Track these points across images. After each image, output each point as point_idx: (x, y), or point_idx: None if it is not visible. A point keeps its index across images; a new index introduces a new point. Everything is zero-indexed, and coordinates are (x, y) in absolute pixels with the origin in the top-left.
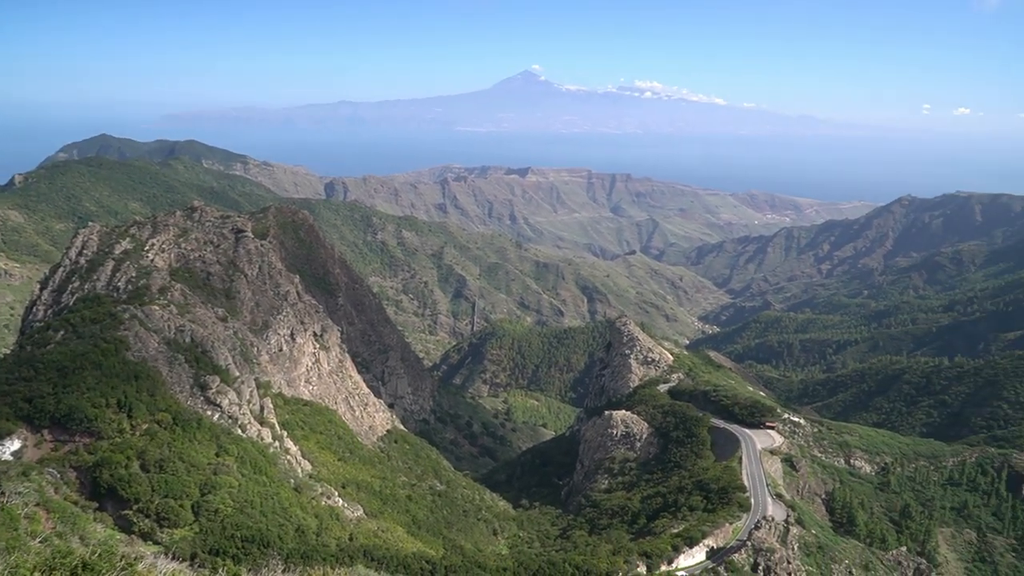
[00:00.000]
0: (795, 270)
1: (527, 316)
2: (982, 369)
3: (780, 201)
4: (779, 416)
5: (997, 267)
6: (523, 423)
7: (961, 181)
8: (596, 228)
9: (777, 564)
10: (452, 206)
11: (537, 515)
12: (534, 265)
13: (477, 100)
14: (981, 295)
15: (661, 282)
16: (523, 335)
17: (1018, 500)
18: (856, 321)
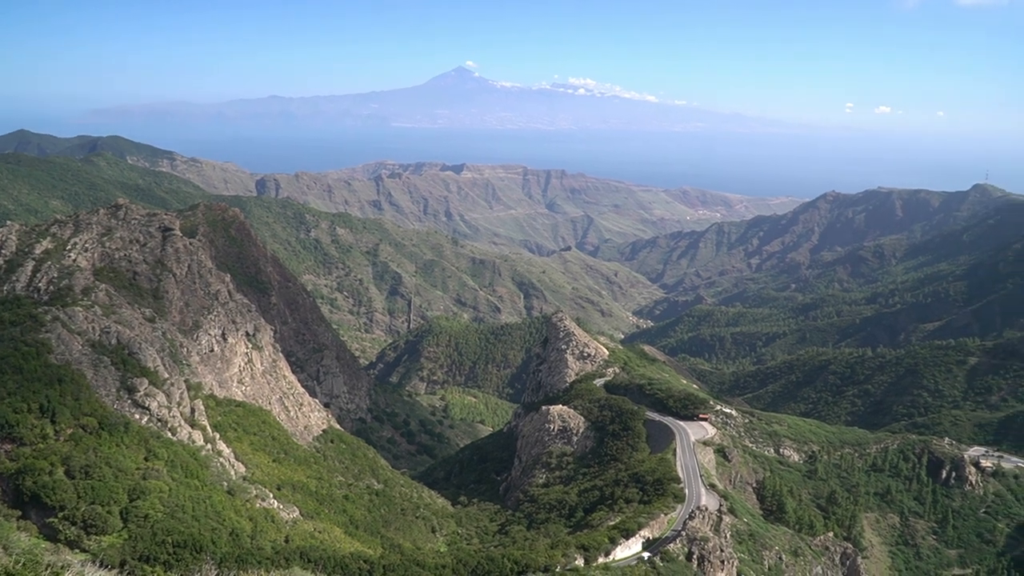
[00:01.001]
0: (726, 265)
1: (464, 313)
2: (903, 359)
3: (711, 197)
4: (712, 408)
5: (916, 260)
6: (461, 420)
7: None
8: (532, 224)
9: (711, 552)
10: (387, 203)
11: (476, 511)
12: (470, 262)
13: (412, 96)
14: (902, 287)
15: (596, 278)
16: (460, 332)
17: (938, 485)
18: (784, 314)
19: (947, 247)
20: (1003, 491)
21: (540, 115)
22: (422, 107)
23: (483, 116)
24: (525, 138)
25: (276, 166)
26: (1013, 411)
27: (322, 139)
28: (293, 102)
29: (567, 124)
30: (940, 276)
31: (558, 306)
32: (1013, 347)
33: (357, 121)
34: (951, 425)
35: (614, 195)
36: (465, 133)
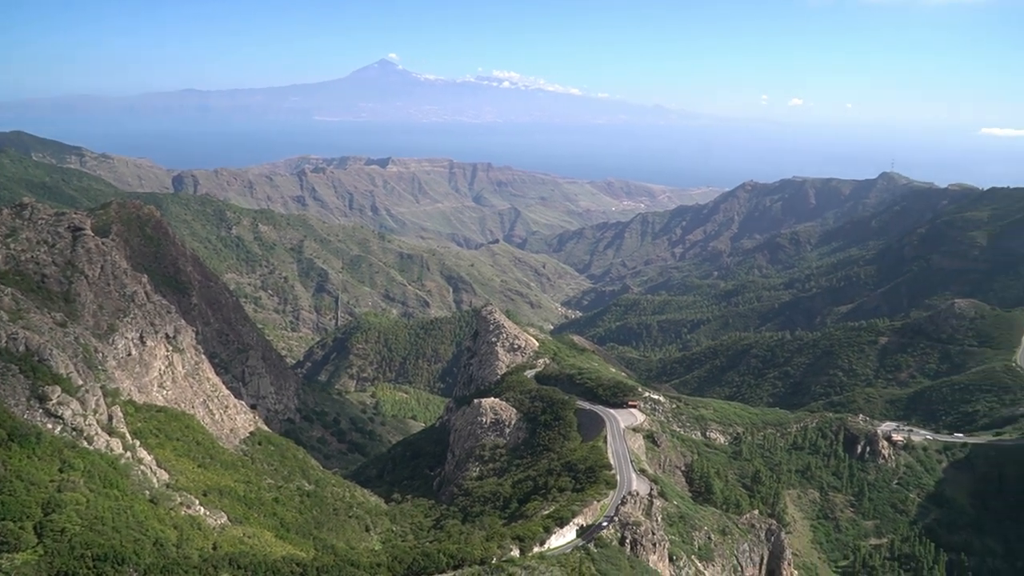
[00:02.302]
0: (651, 254)
1: (393, 308)
2: (819, 341)
3: (635, 188)
4: (640, 395)
5: (830, 246)
6: (392, 416)
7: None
8: (459, 218)
9: (643, 536)
10: (311, 198)
11: (410, 508)
12: (398, 256)
13: (334, 89)
14: (817, 272)
15: (525, 270)
16: (389, 328)
17: (854, 460)
18: (708, 301)
19: (857, 233)
20: (913, 463)
21: (465, 108)
22: (345, 100)
23: (408, 109)
24: (451, 131)
25: (194, 162)
26: (921, 387)
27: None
28: (210, 95)
29: (492, 117)
30: (851, 261)
31: (487, 299)
32: (919, 326)
33: (278, 115)
34: (865, 402)
35: (540, 187)
36: (390, 126)
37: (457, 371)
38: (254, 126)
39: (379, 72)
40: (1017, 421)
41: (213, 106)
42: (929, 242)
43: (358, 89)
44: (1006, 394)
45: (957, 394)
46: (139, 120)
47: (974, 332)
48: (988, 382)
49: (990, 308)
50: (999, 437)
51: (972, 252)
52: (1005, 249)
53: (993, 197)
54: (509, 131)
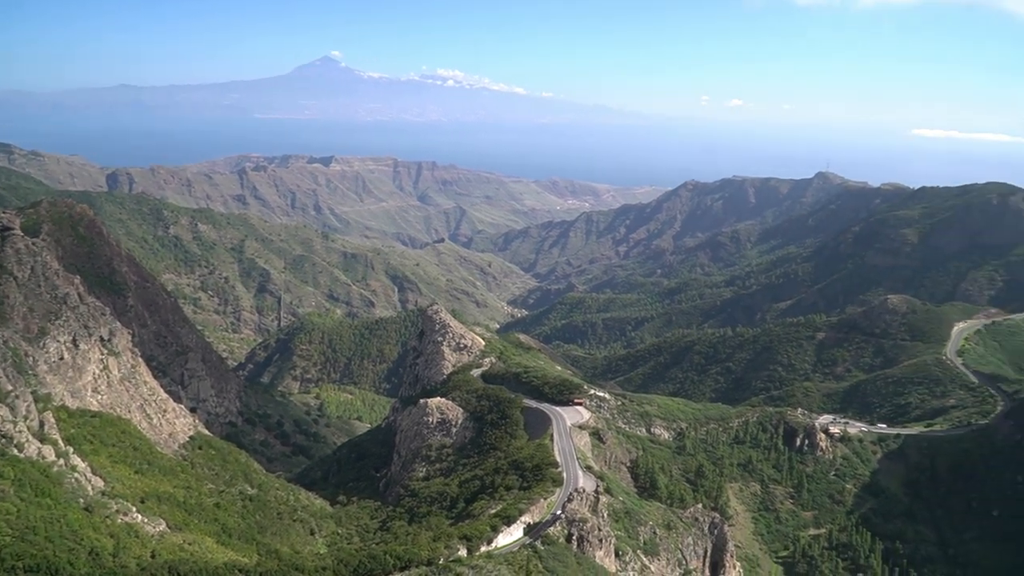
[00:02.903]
0: (596, 253)
1: (337, 308)
2: (759, 337)
3: (580, 187)
4: (586, 392)
5: (769, 244)
6: (337, 418)
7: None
8: (404, 217)
9: (589, 532)
10: (252, 197)
11: (356, 510)
12: (342, 256)
13: (275, 86)
14: (757, 270)
15: (470, 269)
16: (333, 328)
17: (793, 452)
18: (652, 299)
19: (795, 231)
20: (849, 454)
21: (409, 106)
22: (287, 98)
23: (351, 107)
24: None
25: (129, 159)
26: (856, 380)
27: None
28: (145, 91)
29: (437, 116)
30: (790, 258)
31: (433, 298)
32: (854, 322)
33: (217, 112)
34: (803, 396)
35: (486, 186)
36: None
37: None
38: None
39: (321, 69)
40: (947, 412)
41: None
42: (863, 240)
43: (300, 87)
44: (937, 386)
45: (891, 387)
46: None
47: (906, 327)
48: (920, 375)
49: (921, 303)
50: (930, 428)
51: (904, 249)
52: (935, 246)
53: (923, 196)
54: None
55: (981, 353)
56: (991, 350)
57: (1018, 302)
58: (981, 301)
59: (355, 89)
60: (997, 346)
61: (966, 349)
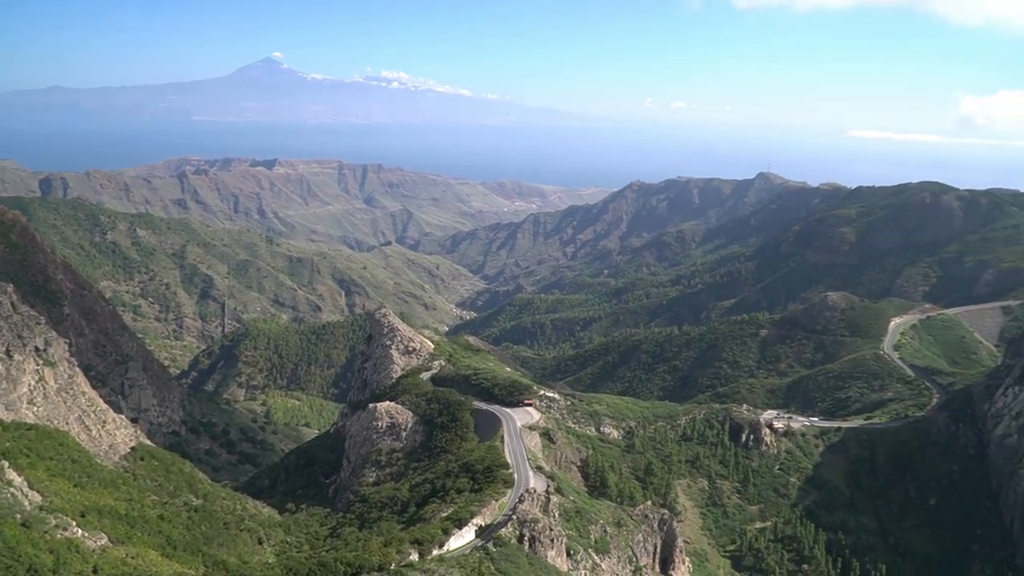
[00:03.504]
0: (543, 254)
1: (283, 314)
2: (705, 335)
3: (526, 189)
4: (536, 393)
5: (713, 244)
6: (285, 425)
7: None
8: (350, 220)
9: (541, 533)
10: (193, 201)
11: (305, 517)
12: (287, 260)
13: (215, 88)
14: (701, 269)
15: (418, 271)
16: (279, 334)
17: (739, 448)
18: (599, 299)
19: (738, 231)
20: (793, 448)
21: (354, 108)
22: (227, 100)
23: (294, 109)
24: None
25: (63, 164)
26: (798, 376)
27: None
28: (79, 93)
29: (382, 117)
30: (733, 258)
31: (381, 302)
32: (796, 319)
33: (154, 114)
34: (748, 392)
35: (432, 188)
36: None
37: (351, 376)
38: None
39: (263, 71)
40: (886, 405)
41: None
42: (803, 239)
43: (241, 88)
44: (875, 380)
45: (831, 382)
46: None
47: (845, 323)
48: (859, 369)
49: (859, 300)
50: (870, 421)
51: (842, 248)
52: (871, 244)
53: (860, 196)
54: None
55: (917, 347)
56: (926, 344)
57: (951, 297)
58: (916, 297)
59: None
60: (932, 340)
61: (902, 343)
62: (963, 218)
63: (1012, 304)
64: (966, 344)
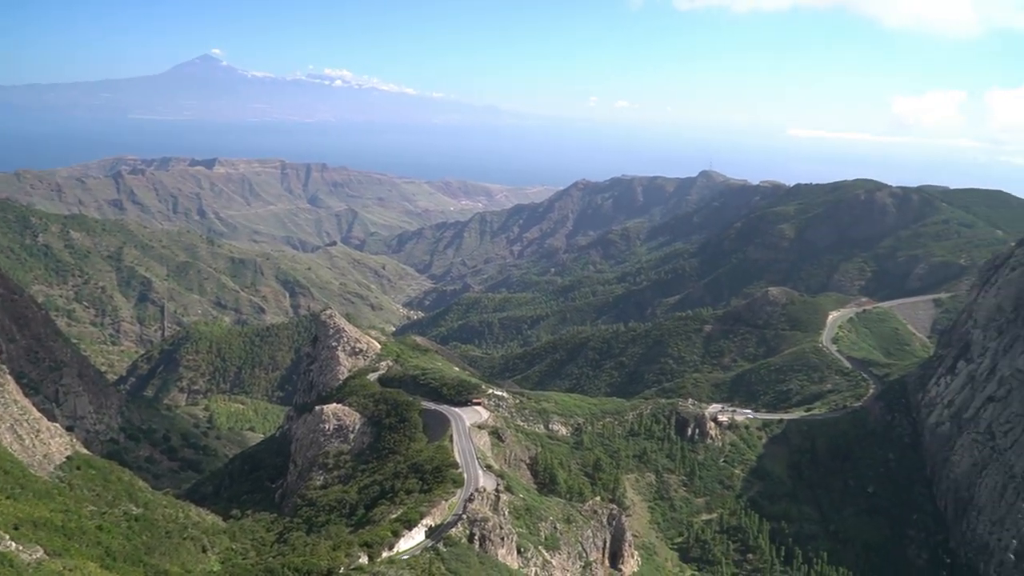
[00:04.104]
0: (490, 252)
1: (225, 316)
2: (651, 331)
3: (473, 188)
4: (484, 392)
5: (657, 241)
6: (228, 429)
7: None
8: (294, 220)
9: (491, 531)
10: (130, 202)
11: (250, 523)
12: (229, 262)
13: (152, 85)
14: (646, 266)
15: (364, 272)
16: (222, 336)
17: (685, 442)
18: (546, 297)
19: (681, 228)
20: (737, 441)
21: (296, 107)
22: (164, 97)
23: (234, 107)
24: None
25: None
26: (741, 370)
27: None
28: (6, 91)
29: (325, 116)
30: (677, 255)
31: (326, 303)
32: (738, 314)
33: (88, 112)
34: (693, 387)
35: (378, 188)
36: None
37: (297, 378)
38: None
39: (201, 68)
40: (825, 397)
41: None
42: (745, 236)
43: (179, 86)
44: (815, 372)
45: (773, 375)
46: None
47: (786, 317)
48: (799, 362)
49: (799, 295)
50: (810, 412)
51: (782, 244)
52: (809, 240)
53: (799, 193)
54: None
55: (854, 340)
56: (862, 336)
57: (885, 291)
58: (852, 291)
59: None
60: (868, 332)
61: (840, 336)
62: (896, 214)
63: (943, 297)
64: (900, 336)
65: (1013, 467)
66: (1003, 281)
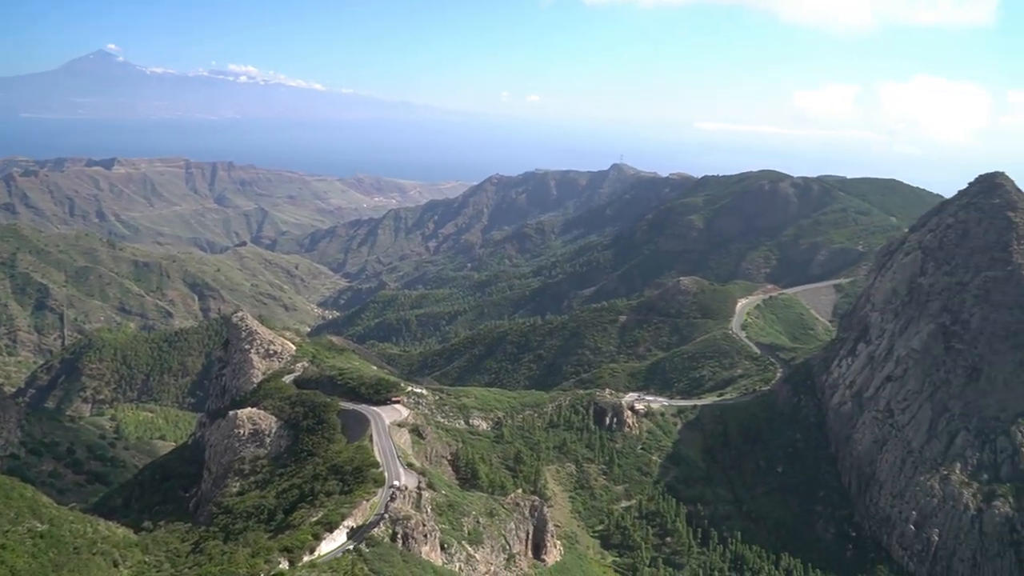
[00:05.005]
0: (405, 249)
1: (130, 322)
2: (568, 323)
3: (386, 184)
4: (403, 390)
5: (572, 234)
6: (137, 439)
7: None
8: (201, 221)
9: (414, 529)
10: (22, 205)
11: (164, 535)
12: (133, 265)
13: (44, 83)
14: (562, 259)
15: (276, 272)
16: (127, 343)
17: (603, 431)
18: (463, 292)
19: (595, 221)
20: (654, 428)
21: (199, 104)
22: (58, 95)
23: (133, 105)
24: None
25: None
26: (656, 359)
27: None
28: None
29: (231, 113)
30: (591, 247)
31: (238, 305)
32: (652, 304)
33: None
34: (610, 377)
35: (288, 186)
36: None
37: (208, 383)
38: None
39: (97, 64)
40: (736, 382)
41: None
42: (656, 227)
43: (73, 83)
44: (725, 359)
45: (686, 362)
46: None
47: (697, 306)
48: (710, 349)
49: (709, 284)
50: (722, 397)
51: (691, 234)
52: (718, 230)
53: (706, 185)
54: (250, 128)
55: (761, 326)
56: (770, 322)
57: (790, 278)
58: (759, 278)
59: (137, 85)
60: (774, 318)
61: (749, 323)
62: (798, 204)
63: (843, 282)
64: (804, 321)
65: (911, 442)
66: (897, 266)
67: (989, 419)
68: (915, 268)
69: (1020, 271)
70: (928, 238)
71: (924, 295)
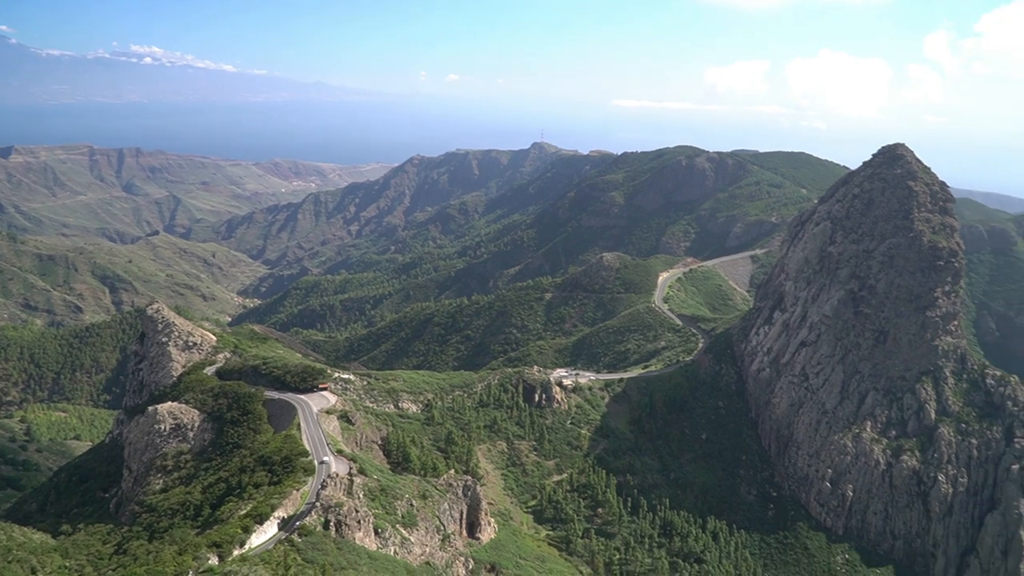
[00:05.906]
0: (327, 234)
1: (36, 319)
2: (494, 303)
3: (304, 168)
4: (330, 376)
5: (495, 213)
6: (50, 441)
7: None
8: (108, 210)
9: (347, 516)
10: None
11: (84, 538)
12: (36, 259)
13: None
14: (486, 239)
15: (193, 261)
16: (34, 341)
17: (533, 408)
18: (388, 275)
19: (518, 199)
20: (582, 402)
21: (101, 87)
22: None
23: (29, 89)
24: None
25: None
26: (582, 334)
27: None
28: None
29: (136, 96)
30: (515, 226)
31: (152, 296)
32: (576, 280)
33: None
34: (538, 354)
35: (201, 171)
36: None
37: (125, 379)
38: None
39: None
40: (660, 354)
41: None
42: (578, 204)
43: None
44: (649, 332)
45: (612, 336)
46: None
47: (620, 281)
48: (635, 323)
49: (631, 259)
50: (647, 370)
51: (612, 210)
52: (638, 206)
53: (626, 161)
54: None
55: (683, 298)
56: (690, 294)
57: (708, 251)
58: (679, 252)
59: (33, 69)
60: (695, 290)
61: (670, 296)
62: (714, 178)
63: (758, 253)
64: (723, 292)
65: (825, 404)
66: (808, 236)
67: (896, 378)
68: (825, 237)
69: (921, 237)
70: (836, 208)
71: (834, 263)
